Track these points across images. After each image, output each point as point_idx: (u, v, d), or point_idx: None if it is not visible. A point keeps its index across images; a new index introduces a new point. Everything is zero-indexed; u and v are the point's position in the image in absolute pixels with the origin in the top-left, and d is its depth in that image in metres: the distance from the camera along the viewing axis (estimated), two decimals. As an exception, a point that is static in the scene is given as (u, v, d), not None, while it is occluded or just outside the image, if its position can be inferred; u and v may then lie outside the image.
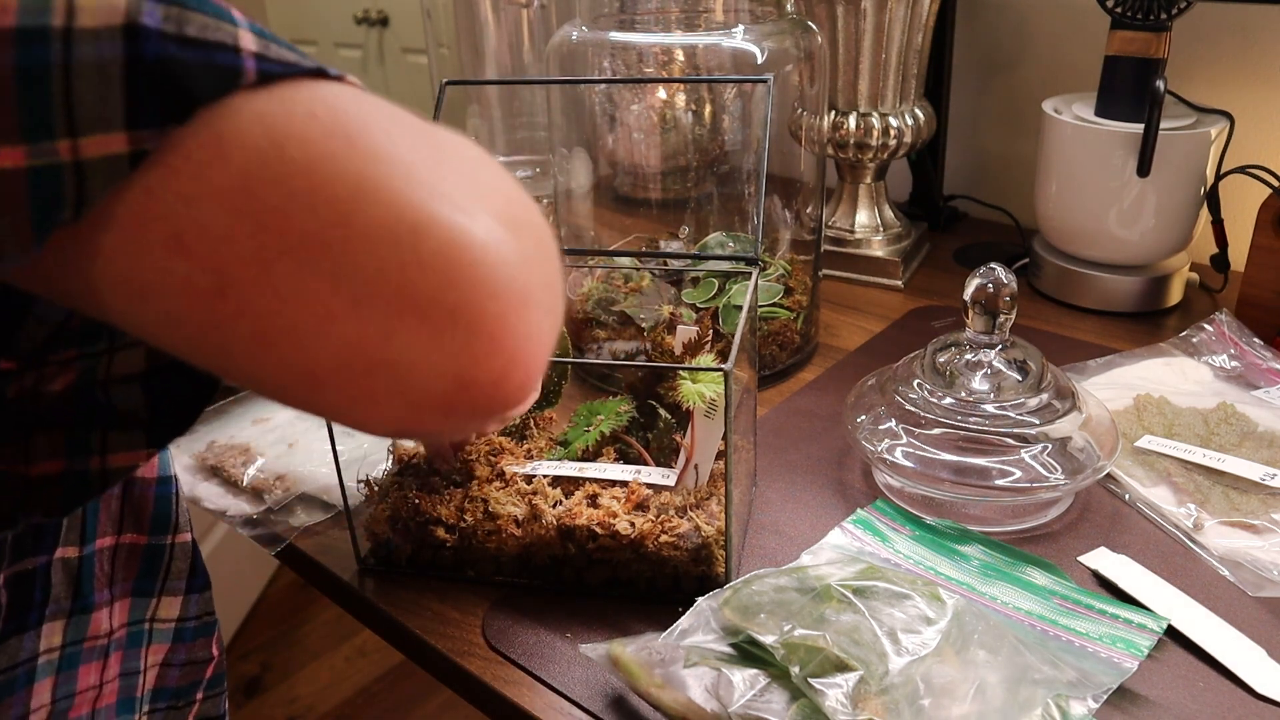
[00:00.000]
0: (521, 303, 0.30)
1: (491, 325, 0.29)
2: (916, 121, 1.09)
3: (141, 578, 0.49)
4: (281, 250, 0.28)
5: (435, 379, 0.29)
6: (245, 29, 0.29)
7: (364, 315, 0.28)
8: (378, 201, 0.28)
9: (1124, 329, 0.98)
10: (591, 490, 0.64)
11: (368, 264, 0.28)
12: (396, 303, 0.28)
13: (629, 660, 0.54)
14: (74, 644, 0.45)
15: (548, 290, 0.32)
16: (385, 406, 0.30)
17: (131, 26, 0.27)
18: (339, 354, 0.29)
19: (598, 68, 0.91)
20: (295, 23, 3.08)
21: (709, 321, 0.78)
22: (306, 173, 0.28)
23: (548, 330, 0.32)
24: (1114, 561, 0.65)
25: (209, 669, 0.55)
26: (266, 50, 0.29)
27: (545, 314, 0.31)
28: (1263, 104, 1.07)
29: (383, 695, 1.92)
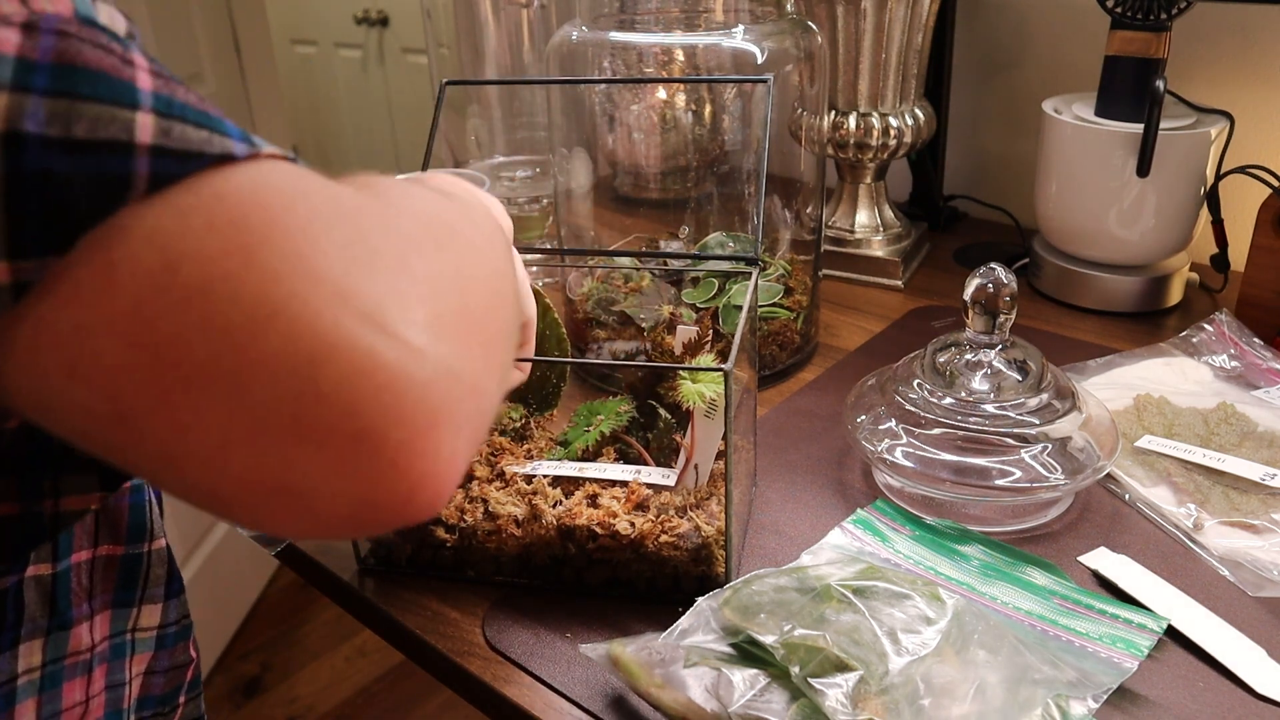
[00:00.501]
0: (430, 425, 0.28)
1: (394, 453, 0.28)
2: (916, 121, 1.09)
3: (121, 589, 0.49)
4: (178, 380, 0.27)
5: (338, 503, 0.28)
6: (147, 109, 0.27)
7: (262, 445, 0.27)
8: (272, 328, 0.27)
9: (1124, 329, 0.98)
10: (591, 490, 0.64)
11: (264, 395, 0.27)
12: (294, 433, 0.27)
13: (629, 660, 0.54)
14: (55, 662, 0.45)
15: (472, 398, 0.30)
16: (293, 524, 0.29)
17: (13, 135, 0.25)
18: (240, 479, 0.28)
19: (598, 68, 0.91)
20: (295, 23, 3.08)
21: (709, 321, 0.78)
22: (202, 297, 0.26)
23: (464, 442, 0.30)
24: (1114, 561, 0.65)
25: (189, 672, 0.55)
26: (167, 139, 0.27)
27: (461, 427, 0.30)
28: (1263, 104, 1.07)
29: (383, 695, 1.92)
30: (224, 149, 0.28)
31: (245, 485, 0.28)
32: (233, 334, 0.27)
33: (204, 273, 0.27)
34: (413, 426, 0.28)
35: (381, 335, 0.28)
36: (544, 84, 1.05)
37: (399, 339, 0.28)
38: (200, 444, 0.27)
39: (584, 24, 0.92)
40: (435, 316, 0.30)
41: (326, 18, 2.99)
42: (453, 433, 0.29)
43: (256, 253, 0.27)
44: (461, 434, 0.30)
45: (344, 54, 3.02)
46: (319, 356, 0.27)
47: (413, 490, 0.29)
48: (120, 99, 0.27)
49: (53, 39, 0.26)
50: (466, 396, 0.30)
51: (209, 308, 0.27)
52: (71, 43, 0.27)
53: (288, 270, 0.27)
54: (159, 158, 0.27)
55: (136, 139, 0.27)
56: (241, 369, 0.27)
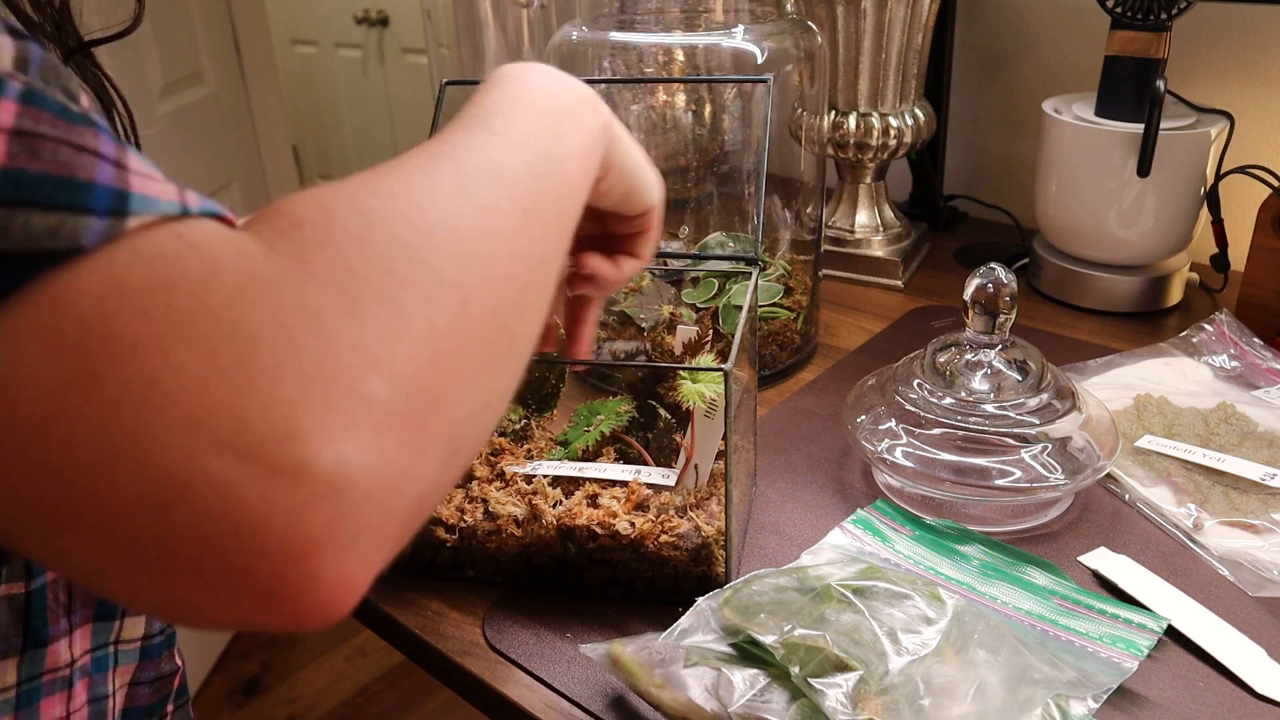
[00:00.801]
0: (305, 553, 0.26)
1: (267, 584, 0.26)
2: (916, 121, 1.09)
3: (101, 602, 0.48)
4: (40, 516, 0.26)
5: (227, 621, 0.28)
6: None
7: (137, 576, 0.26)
8: (120, 467, 0.25)
9: (1124, 329, 0.98)
10: (591, 490, 0.64)
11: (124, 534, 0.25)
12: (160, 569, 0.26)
13: (629, 660, 0.54)
14: (31, 679, 0.44)
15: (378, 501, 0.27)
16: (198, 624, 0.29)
17: None
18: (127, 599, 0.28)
19: (598, 68, 0.91)
20: (295, 23, 3.08)
21: (709, 321, 0.78)
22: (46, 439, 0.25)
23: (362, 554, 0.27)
24: (1114, 561, 0.65)
25: (175, 680, 0.55)
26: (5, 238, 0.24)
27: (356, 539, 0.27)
28: (1263, 104, 1.07)
29: (383, 695, 1.92)
30: (71, 242, 0.25)
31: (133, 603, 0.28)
32: (82, 477, 0.25)
33: (43, 410, 0.25)
34: (281, 559, 0.26)
35: (242, 462, 0.25)
36: (544, 84, 1.05)
37: (265, 461, 0.25)
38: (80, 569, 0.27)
39: (584, 24, 0.92)
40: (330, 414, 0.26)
41: (326, 18, 2.99)
42: (338, 554, 0.26)
43: (99, 380, 0.25)
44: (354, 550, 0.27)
45: (344, 54, 3.02)
46: (173, 495, 0.25)
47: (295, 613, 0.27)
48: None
49: None
50: (363, 508, 0.27)
51: (53, 448, 0.25)
52: None
53: (132, 398, 0.25)
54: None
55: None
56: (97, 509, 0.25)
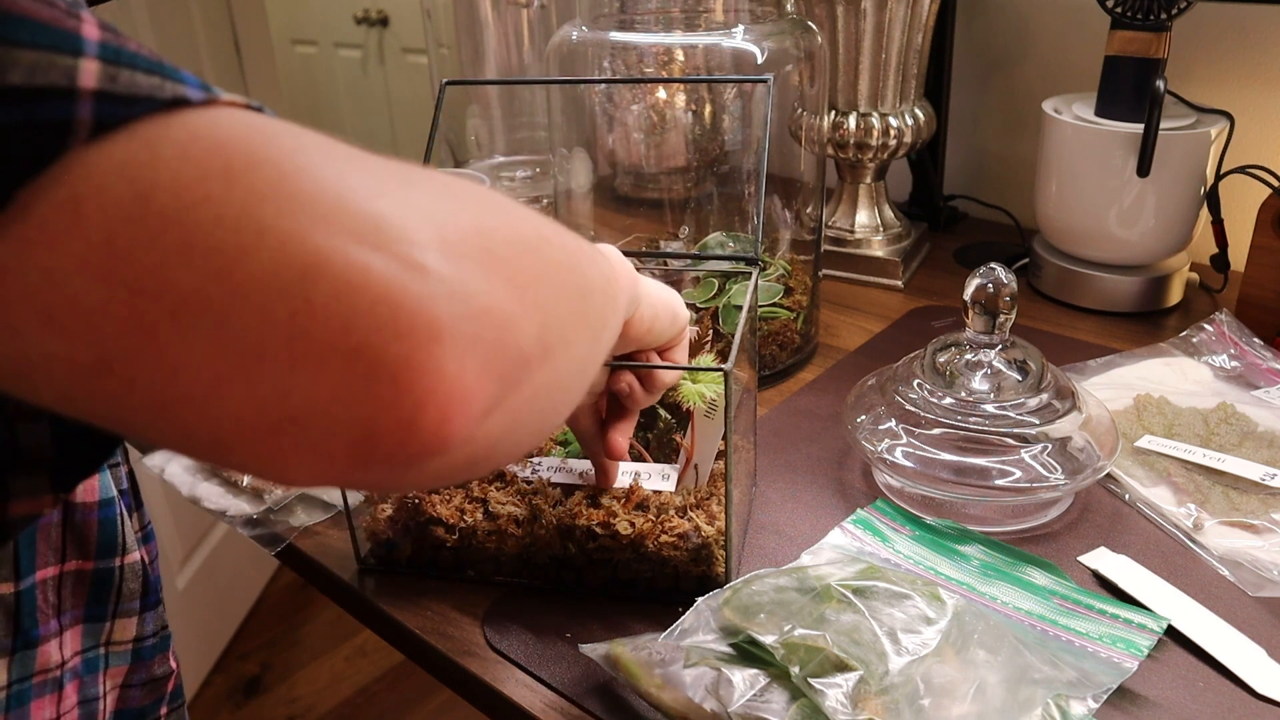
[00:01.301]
0: (430, 339, 0.27)
1: (394, 367, 0.26)
2: (916, 121, 1.09)
3: (92, 604, 0.48)
4: (163, 315, 0.25)
5: (342, 430, 0.27)
6: (92, 56, 0.26)
7: (258, 374, 0.26)
8: (262, 246, 0.25)
9: (1124, 329, 0.98)
10: (592, 490, 0.64)
11: (255, 318, 0.25)
12: (290, 356, 0.26)
13: (629, 660, 0.54)
14: (21, 681, 0.44)
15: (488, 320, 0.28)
16: (297, 463, 0.28)
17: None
18: (239, 416, 0.26)
19: (598, 68, 0.91)
20: (295, 23, 3.08)
21: (709, 321, 0.78)
22: (180, 224, 0.25)
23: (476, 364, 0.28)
24: (1114, 561, 0.65)
25: (170, 683, 0.54)
26: (113, 84, 0.26)
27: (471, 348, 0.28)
28: (1263, 104, 1.07)
29: (383, 695, 1.92)
30: (176, 93, 0.27)
31: (244, 422, 0.27)
32: (217, 258, 0.25)
33: (181, 198, 0.25)
34: (411, 340, 0.26)
35: (375, 251, 0.26)
36: (544, 84, 1.05)
37: (394, 254, 0.27)
38: (193, 382, 0.26)
39: (584, 24, 0.92)
40: (446, 241, 0.28)
41: (326, 18, 2.99)
42: (459, 351, 0.27)
43: (238, 175, 0.26)
44: (471, 355, 0.28)
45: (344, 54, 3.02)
46: (310, 273, 0.26)
47: (416, 409, 0.27)
48: (61, 46, 0.26)
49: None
50: (478, 318, 0.28)
51: (189, 233, 0.25)
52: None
53: (272, 190, 0.26)
54: (103, 103, 0.26)
55: (79, 84, 0.25)
56: (229, 294, 0.25)
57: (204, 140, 0.26)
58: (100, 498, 0.48)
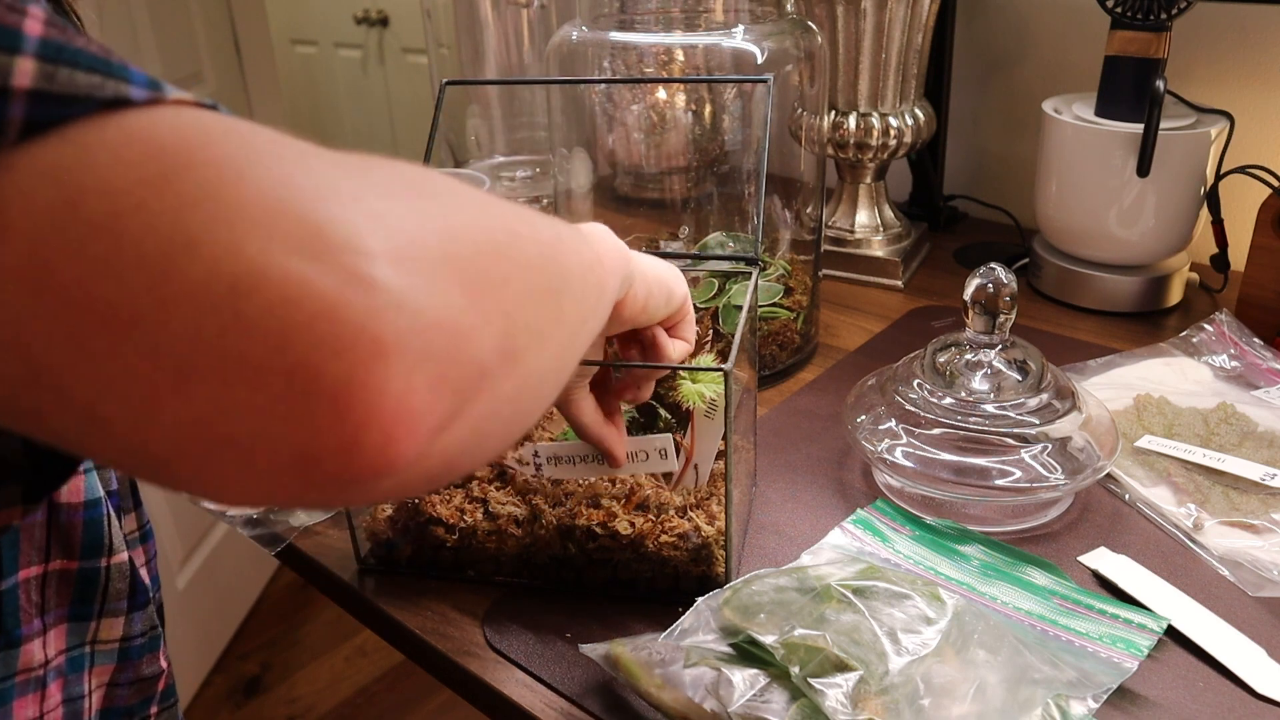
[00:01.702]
0: (373, 356, 0.25)
1: (333, 387, 0.25)
2: (916, 121, 1.09)
3: (76, 603, 0.48)
4: (91, 328, 0.24)
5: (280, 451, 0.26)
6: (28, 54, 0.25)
7: (189, 392, 0.25)
8: (193, 257, 0.24)
9: (1124, 329, 0.98)
10: (592, 490, 0.64)
11: (185, 334, 0.24)
12: (222, 374, 0.25)
13: (629, 660, 0.54)
14: (4, 679, 0.44)
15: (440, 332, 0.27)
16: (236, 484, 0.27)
17: None
18: (174, 434, 0.25)
19: (598, 68, 0.91)
20: (295, 23, 3.08)
21: (709, 321, 0.78)
22: (109, 232, 0.24)
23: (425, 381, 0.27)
24: (1114, 561, 0.65)
25: (161, 682, 0.54)
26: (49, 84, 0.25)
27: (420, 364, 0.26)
28: (1263, 104, 1.07)
29: (383, 695, 1.92)
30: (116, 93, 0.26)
31: (179, 440, 0.25)
32: (146, 270, 0.24)
33: (111, 205, 0.24)
34: (351, 358, 0.25)
35: (314, 262, 0.25)
36: (544, 84, 1.05)
37: (336, 264, 0.25)
38: (126, 397, 0.25)
39: (584, 24, 0.92)
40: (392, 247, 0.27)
41: (326, 18, 2.99)
42: (405, 368, 0.26)
43: (171, 182, 0.25)
44: (419, 371, 0.26)
45: (344, 54, 3.02)
46: (242, 286, 0.24)
47: (357, 431, 0.26)
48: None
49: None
50: (428, 331, 0.27)
51: (118, 243, 0.24)
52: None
53: (207, 196, 0.25)
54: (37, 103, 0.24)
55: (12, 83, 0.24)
56: (158, 308, 0.24)
57: (139, 142, 0.25)
58: (86, 498, 0.48)
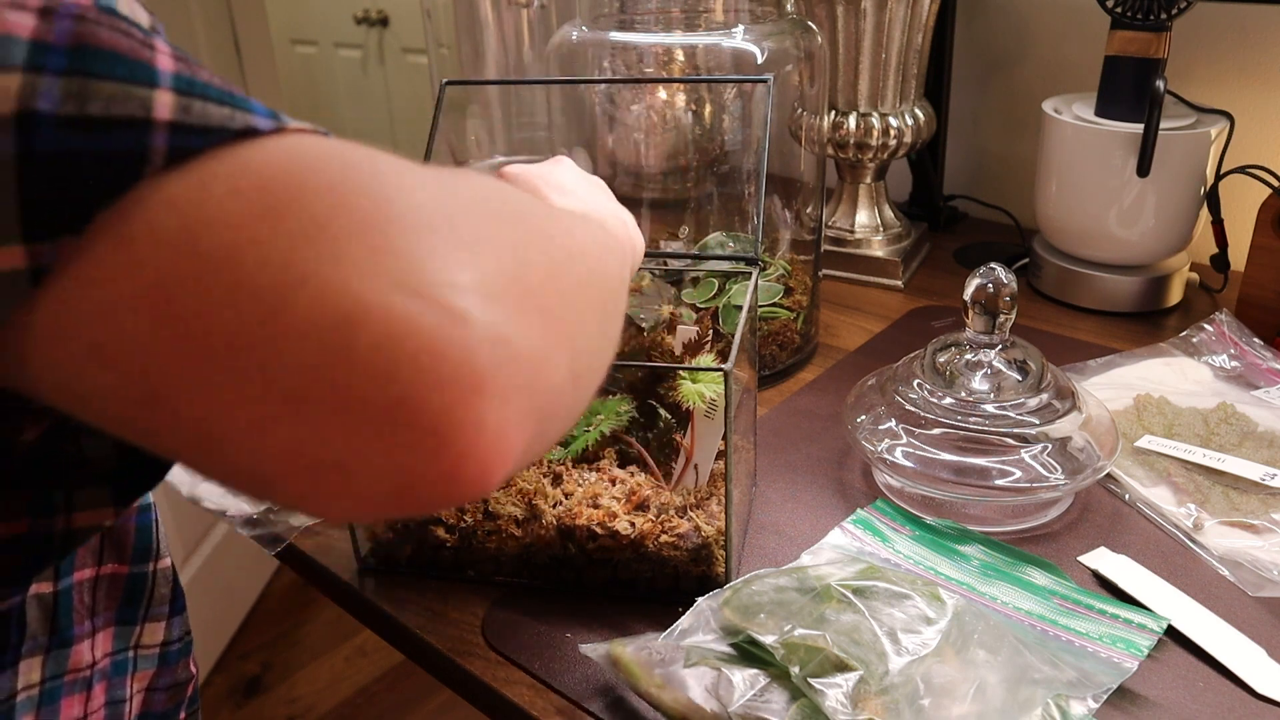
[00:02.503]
0: (473, 390, 0.27)
1: (435, 420, 0.26)
2: (916, 121, 1.09)
3: (124, 606, 0.49)
4: (207, 357, 0.26)
5: (381, 479, 0.27)
6: (166, 88, 0.27)
7: (299, 419, 0.26)
8: (303, 292, 0.26)
9: (1124, 329, 0.98)
10: (592, 490, 0.64)
11: (296, 365, 0.26)
12: (330, 404, 0.26)
13: (629, 660, 0.54)
14: (54, 678, 0.44)
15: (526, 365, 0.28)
16: (334, 504, 0.28)
17: (25, 114, 0.25)
18: (279, 457, 0.27)
19: (598, 68, 0.91)
20: (295, 22, 3.08)
21: (709, 321, 0.78)
22: (226, 266, 0.26)
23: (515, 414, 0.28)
24: (1114, 561, 0.65)
25: (189, 688, 0.55)
26: (186, 115, 0.27)
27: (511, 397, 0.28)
28: (1263, 104, 1.07)
29: (383, 695, 1.92)
30: (246, 124, 0.28)
31: (285, 463, 0.27)
32: (261, 303, 0.26)
33: (228, 238, 0.26)
34: (453, 392, 0.26)
35: (416, 299, 0.26)
36: (544, 84, 1.05)
37: (436, 302, 0.27)
38: (236, 422, 0.26)
39: (584, 24, 0.92)
40: (483, 281, 0.28)
41: (326, 18, 2.99)
42: (499, 402, 0.27)
43: (283, 216, 0.26)
44: (511, 404, 0.28)
45: (344, 54, 3.02)
46: (351, 321, 0.26)
47: (457, 463, 0.27)
48: (138, 78, 0.27)
49: (69, 23, 0.26)
50: (518, 365, 0.28)
51: (235, 275, 0.26)
52: (89, 26, 0.27)
53: (316, 233, 0.26)
54: (177, 133, 0.26)
55: (154, 115, 0.26)
56: (272, 340, 0.26)
57: (254, 174, 0.27)
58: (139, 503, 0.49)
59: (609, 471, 0.65)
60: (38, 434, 0.35)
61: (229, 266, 0.26)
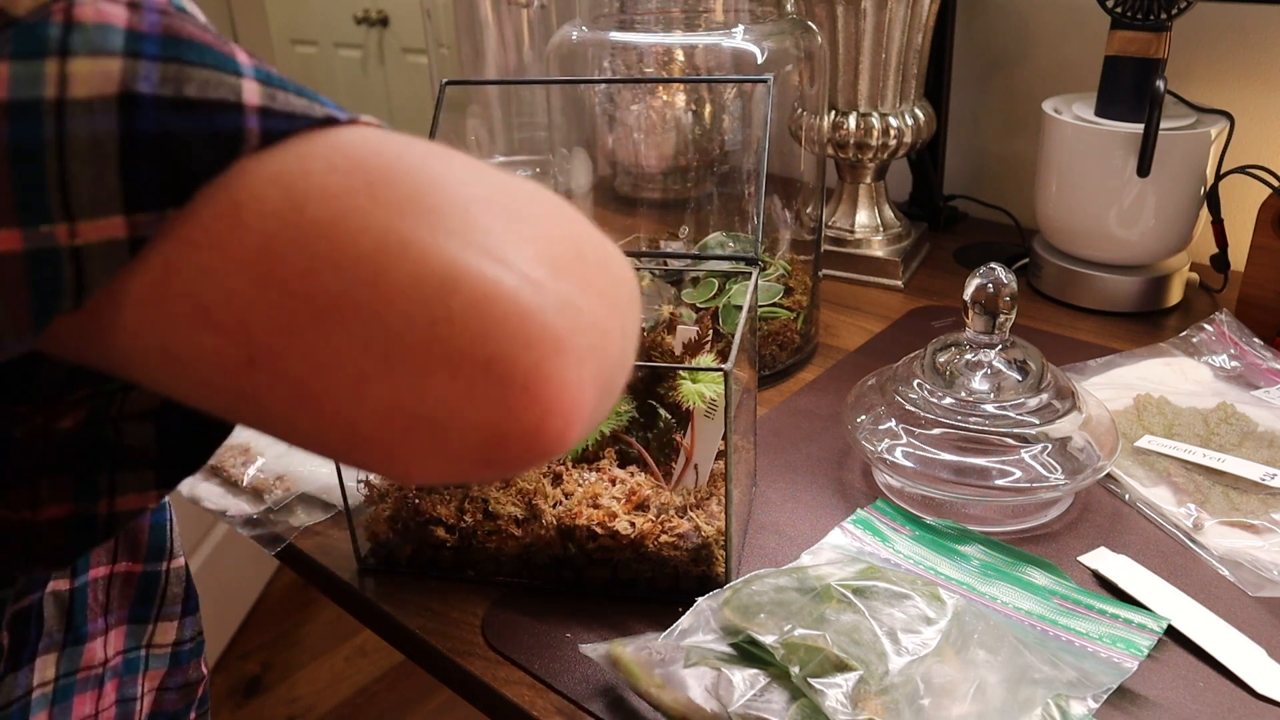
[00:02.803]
0: (555, 350, 0.29)
1: (525, 376, 0.28)
2: (916, 121, 1.09)
3: (137, 605, 0.49)
4: (310, 315, 0.27)
5: (472, 432, 0.29)
6: (250, 78, 0.29)
7: (397, 374, 0.28)
8: (405, 257, 0.27)
9: (1124, 329, 0.98)
10: (592, 490, 0.64)
11: (398, 323, 0.27)
12: (428, 359, 0.28)
13: (629, 660, 0.54)
14: (68, 675, 0.45)
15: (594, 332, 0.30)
16: (425, 461, 0.29)
17: (127, 96, 0.27)
18: (375, 413, 0.28)
19: (598, 68, 0.91)
20: (295, 22, 3.08)
21: (709, 321, 0.78)
22: (330, 233, 0.27)
23: (589, 375, 0.30)
24: (1114, 561, 0.65)
25: (200, 688, 0.55)
26: (273, 102, 0.29)
27: (585, 360, 0.30)
28: (1263, 104, 1.07)
29: (383, 695, 1.92)
30: (326, 113, 0.30)
31: (381, 419, 0.28)
32: (363, 265, 0.27)
33: (331, 208, 0.27)
34: (540, 351, 0.28)
35: (501, 265, 0.28)
36: (544, 84, 1.05)
37: (518, 271, 0.28)
38: (335, 379, 0.28)
39: (584, 24, 0.92)
40: (551, 257, 0.30)
41: (326, 18, 2.99)
42: (577, 362, 0.29)
43: (379, 189, 0.28)
44: (585, 366, 0.30)
45: (344, 54, 3.02)
46: (448, 284, 0.27)
47: (543, 417, 0.29)
48: (224, 67, 0.28)
49: (157, 15, 0.28)
50: (588, 330, 0.30)
51: (339, 241, 0.27)
52: (174, 19, 0.28)
53: (412, 204, 0.28)
54: (268, 117, 0.28)
55: (244, 100, 0.28)
56: (374, 299, 0.27)
57: (347, 155, 0.29)
58: None
59: (609, 471, 0.65)
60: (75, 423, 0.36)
61: (333, 233, 0.27)
